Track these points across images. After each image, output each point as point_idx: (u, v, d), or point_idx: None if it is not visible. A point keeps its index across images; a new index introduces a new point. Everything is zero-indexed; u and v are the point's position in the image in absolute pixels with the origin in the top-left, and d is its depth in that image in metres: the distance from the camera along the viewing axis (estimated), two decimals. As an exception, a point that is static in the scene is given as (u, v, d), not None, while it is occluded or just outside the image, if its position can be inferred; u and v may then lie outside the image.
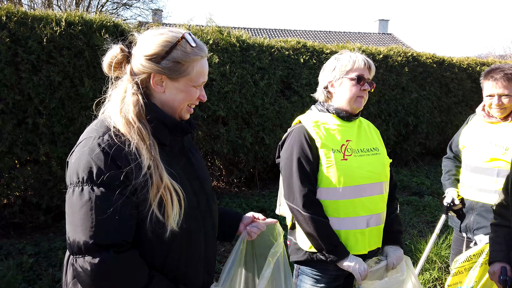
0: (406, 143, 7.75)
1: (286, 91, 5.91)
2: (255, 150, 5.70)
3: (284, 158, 1.91)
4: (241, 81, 5.35)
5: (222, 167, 6.26)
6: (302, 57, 5.87)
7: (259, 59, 5.48)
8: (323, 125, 1.88)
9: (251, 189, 6.23)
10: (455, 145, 2.75)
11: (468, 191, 2.55)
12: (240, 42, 5.34)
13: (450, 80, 7.97)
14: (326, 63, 1.99)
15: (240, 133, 5.50)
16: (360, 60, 1.89)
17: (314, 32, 26.03)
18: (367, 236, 1.87)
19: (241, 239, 1.66)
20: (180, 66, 1.27)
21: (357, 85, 1.86)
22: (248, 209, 5.14)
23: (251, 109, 5.50)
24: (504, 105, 2.38)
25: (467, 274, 2.31)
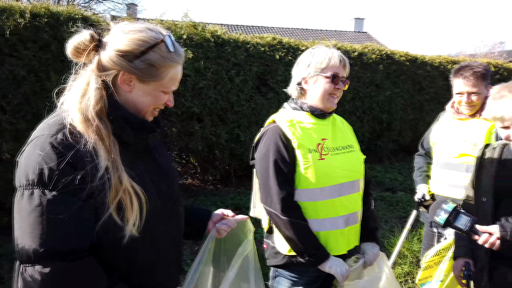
0: (380, 140, 7.87)
1: (262, 88, 5.88)
2: (231, 147, 5.65)
3: (259, 160, 1.84)
4: (216, 77, 5.28)
5: (197, 165, 6.17)
6: (278, 54, 5.85)
7: (235, 55, 5.42)
8: (298, 124, 1.82)
9: (226, 187, 6.18)
10: (426, 142, 2.78)
11: (438, 186, 2.59)
12: (215, 38, 5.26)
13: (422, 78, 8.13)
14: (300, 57, 1.91)
15: (215, 130, 5.43)
16: (336, 57, 1.83)
17: (290, 29, 26.11)
18: (347, 235, 1.85)
19: (210, 237, 1.61)
20: (154, 70, 1.19)
21: (332, 84, 1.81)
22: (224, 207, 5.01)
23: (226, 105, 5.44)
24: (473, 102, 2.42)
25: (437, 268, 2.35)
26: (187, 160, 6.20)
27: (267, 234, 1.96)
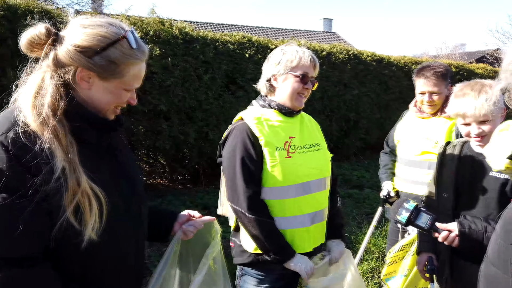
0: (348, 138, 8.03)
1: (231, 86, 5.84)
2: (200, 146, 5.58)
3: (226, 158, 1.81)
4: (184, 74, 5.19)
5: (165, 164, 6.06)
6: (248, 52, 5.83)
7: (203, 52, 5.35)
8: (266, 122, 1.80)
9: (196, 186, 6.10)
10: (391, 140, 2.85)
11: (402, 183, 2.65)
12: (183, 34, 5.17)
13: (388, 78, 8.37)
14: (271, 53, 1.90)
15: (183, 128, 5.35)
16: (307, 57, 1.82)
17: (260, 28, 26.17)
18: (312, 233, 1.85)
19: (176, 239, 1.56)
20: (115, 67, 1.13)
21: (301, 83, 1.81)
22: (193, 207, 5.02)
23: (195, 103, 5.36)
24: (435, 101, 2.49)
25: (401, 263, 2.41)
26: (155, 159, 6.07)
27: (233, 233, 1.94)
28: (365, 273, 3.66)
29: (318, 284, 1.83)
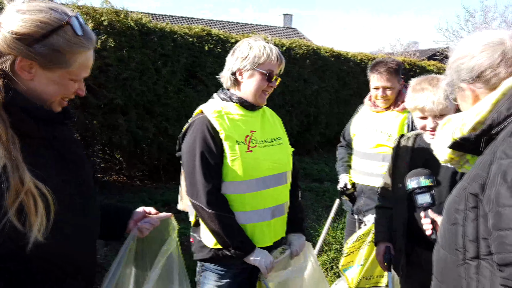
0: (308, 133, 8.16)
1: (191, 80, 5.74)
2: (159, 141, 5.44)
3: (185, 152, 1.77)
4: (142, 67, 5.04)
5: (123, 160, 5.86)
6: (207, 45, 5.74)
7: (161, 45, 5.21)
8: (226, 115, 1.78)
9: (155, 183, 5.96)
10: (347, 134, 2.92)
11: (358, 176, 2.73)
12: (139, 26, 5.00)
13: (346, 74, 8.58)
14: (237, 45, 1.85)
15: (141, 123, 5.19)
16: (274, 54, 1.80)
17: (220, 22, 25.94)
18: (273, 227, 1.85)
19: (131, 237, 1.51)
20: (59, 56, 1.05)
21: (266, 81, 1.80)
22: (152, 204, 4.90)
23: (153, 97, 5.22)
24: (388, 96, 2.58)
25: (358, 253, 2.48)
26: (112, 156, 5.85)
27: (193, 228, 1.91)
28: (325, 264, 3.75)
29: (277, 277, 1.85)
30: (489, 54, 1.14)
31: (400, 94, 2.61)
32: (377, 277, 2.45)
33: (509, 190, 0.96)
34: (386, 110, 2.63)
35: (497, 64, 1.12)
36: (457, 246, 1.12)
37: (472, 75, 1.17)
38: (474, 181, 1.09)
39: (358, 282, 2.44)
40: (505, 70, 1.12)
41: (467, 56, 1.18)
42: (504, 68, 1.12)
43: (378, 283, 2.46)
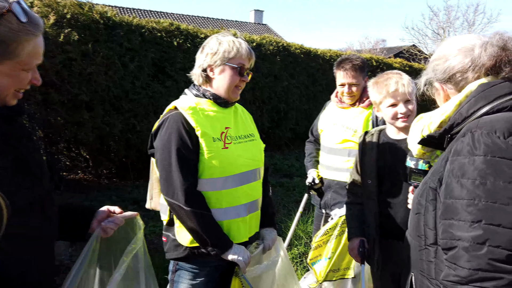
0: (279, 129, 8.23)
1: (160, 75, 5.64)
2: (127, 137, 5.33)
3: (160, 149, 1.72)
4: (108, 62, 4.90)
5: (89, 157, 5.70)
6: (176, 40, 5.66)
7: (128, 39, 5.08)
8: (201, 112, 1.75)
9: (124, 180, 5.83)
10: (315, 130, 2.96)
11: (325, 171, 2.78)
12: (104, 19, 4.86)
13: (315, 71, 8.70)
14: (206, 42, 1.83)
15: (108, 119, 5.06)
16: (244, 48, 1.79)
17: (190, 16, 25.63)
18: (248, 223, 1.85)
19: (94, 237, 1.47)
20: (5, 47, 1.00)
21: (238, 75, 1.78)
22: (120, 202, 4.79)
23: (120, 93, 5.10)
24: (353, 93, 2.63)
25: (326, 246, 2.53)
26: (77, 153, 5.67)
27: (166, 227, 1.87)
28: (295, 258, 3.80)
29: (253, 272, 1.86)
30: (460, 59, 1.21)
31: (365, 90, 2.67)
32: (344, 269, 2.52)
33: (457, 184, 1.06)
34: (352, 106, 2.68)
35: (467, 69, 1.20)
36: (419, 233, 1.25)
37: (444, 76, 1.26)
38: (434, 176, 1.20)
39: (325, 275, 2.49)
40: (472, 75, 1.20)
41: (442, 58, 1.26)
42: (471, 73, 1.20)
43: (344, 275, 2.52)
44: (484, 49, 1.18)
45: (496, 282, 0.96)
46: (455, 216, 1.05)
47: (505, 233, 0.97)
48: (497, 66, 1.17)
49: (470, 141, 1.08)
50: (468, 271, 1.00)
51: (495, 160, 1.02)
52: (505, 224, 0.98)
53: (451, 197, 1.08)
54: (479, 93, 1.16)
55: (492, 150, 1.03)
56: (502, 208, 0.99)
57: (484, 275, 0.98)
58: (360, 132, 2.57)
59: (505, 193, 0.99)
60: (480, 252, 0.99)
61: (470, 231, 1.01)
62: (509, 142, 1.03)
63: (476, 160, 1.04)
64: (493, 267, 0.97)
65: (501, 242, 0.97)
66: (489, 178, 1.02)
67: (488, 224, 0.99)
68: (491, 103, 1.13)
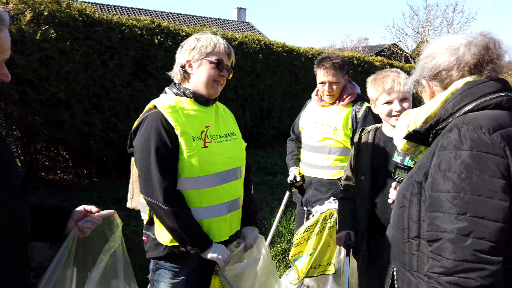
0: (262, 127, 8.24)
1: (141, 73, 5.57)
2: (108, 137, 5.25)
3: (139, 148, 1.71)
4: (87, 60, 4.81)
5: (69, 157, 5.59)
6: (157, 38, 5.60)
7: (108, 37, 5.00)
8: (181, 111, 1.74)
9: (105, 180, 5.75)
10: (296, 128, 2.98)
11: (307, 168, 2.80)
12: (83, 17, 4.77)
13: (298, 69, 8.74)
14: (185, 41, 1.85)
15: (88, 118, 4.97)
16: (221, 44, 1.80)
17: (172, 14, 25.39)
18: (229, 221, 1.85)
19: (70, 237, 1.45)
20: None
21: (216, 69, 1.78)
22: (102, 202, 4.73)
23: (100, 91, 5.02)
24: (334, 91, 2.66)
25: (307, 243, 2.55)
26: (56, 153, 5.56)
27: (146, 226, 1.86)
28: (277, 255, 3.82)
29: (234, 270, 1.87)
30: (447, 57, 1.26)
31: (345, 89, 2.70)
32: (325, 265, 2.55)
33: (443, 178, 1.10)
34: (332, 105, 2.71)
35: (452, 67, 1.25)
36: (403, 226, 1.29)
37: (431, 74, 1.31)
38: (420, 170, 1.24)
39: (307, 271, 2.52)
40: (457, 73, 1.25)
41: (430, 56, 1.31)
42: (456, 71, 1.25)
43: (326, 271, 2.55)
44: (468, 48, 1.22)
45: (479, 272, 1.00)
46: (440, 209, 1.08)
47: (489, 225, 1.01)
48: (480, 65, 1.22)
49: (456, 136, 1.11)
50: (453, 262, 1.03)
51: (481, 155, 1.06)
52: (489, 216, 1.02)
53: (437, 190, 1.11)
54: (465, 90, 1.20)
55: (478, 145, 1.07)
56: (487, 201, 1.03)
57: (468, 266, 1.01)
58: (340, 130, 2.60)
59: (490, 186, 1.03)
60: (465, 243, 1.02)
61: (456, 223, 1.04)
62: (494, 138, 1.07)
63: (462, 155, 1.08)
64: (477, 258, 1.00)
65: (485, 234, 1.01)
66: (475, 172, 1.05)
67: (473, 216, 1.03)
68: (476, 100, 1.17)
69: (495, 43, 1.23)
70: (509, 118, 1.14)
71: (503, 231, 1.01)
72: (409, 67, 12.80)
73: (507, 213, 1.02)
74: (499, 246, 1.00)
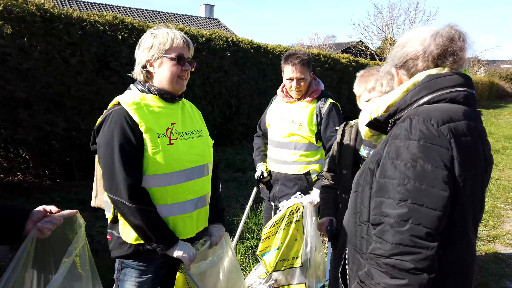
0: (231, 124, 8.23)
1: (105, 71, 5.42)
2: (71, 136, 5.08)
3: (103, 145, 1.68)
4: (47, 57, 4.63)
5: (29, 158, 5.37)
6: (121, 34, 5.46)
7: (68, 32, 4.83)
8: (146, 107, 1.72)
9: (69, 181, 5.56)
10: (263, 124, 3.00)
11: (273, 164, 2.84)
12: (41, 12, 4.57)
13: (266, 66, 8.79)
14: (141, 39, 1.81)
15: (49, 117, 4.79)
16: (179, 38, 1.77)
17: (138, 9, 24.82)
18: (195, 218, 1.85)
19: (29, 239, 1.40)
20: None
21: (178, 65, 1.76)
22: (65, 203, 4.58)
23: (62, 89, 4.84)
24: (301, 87, 2.70)
25: (274, 238, 2.59)
26: (16, 154, 5.33)
27: (111, 224, 1.83)
28: (247, 250, 3.85)
29: (198, 268, 1.87)
30: (414, 47, 1.30)
31: (310, 85, 2.75)
32: (292, 258, 2.60)
33: (391, 165, 1.15)
34: (298, 101, 2.75)
35: (418, 56, 1.30)
36: (355, 210, 1.35)
37: (399, 62, 1.35)
38: (373, 157, 1.29)
39: (275, 265, 2.56)
40: (422, 63, 1.29)
41: (400, 45, 1.36)
42: (421, 61, 1.29)
43: (293, 265, 2.60)
44: (434, 39, 1.27)
45: (414, 256, 1.06)
46: (385, 194, 1.14)
47: (427, 213, 1.07)
48: (443, 55, 1.26)
49: (407, 126, 1.16)
50: (391, 245, 1.09)
51: (427, 146, 1.11)
52: (428, 204, 1.07)
53: (385, 176, 1.16)
54: (424, 83, 1.25)
55: (426, 136, 1.12)
56: (428, 190, 1.08)
57: (405, 250, 1.07)
58: (305, 126, 2.65)
59: (432, 176, 1.09)
60: (403, 228, 1.08)
61: (397, 209, 1.10)
62: (441, 131, 1.12)
63: (410, 145, 1.13)
64: (413, 242, 1.06)
65: (422, 220, 1.07)
66: (420, 161, 1.10)
67: (413, 203, 1.08)
68: (432, 93, 1.22)
69: (460, 35, 1.26)
70: (461, 113, 1.18)
71: (440, 219, 1.07)
72: (374, 64, 13.17)
73: (446, 202, 1.08)
74: (435, 232, 1.07)
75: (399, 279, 1.08)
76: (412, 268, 1.06)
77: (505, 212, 5.50)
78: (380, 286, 1.11)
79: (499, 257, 4.05)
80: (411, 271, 1.06)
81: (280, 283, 2.69)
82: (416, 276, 1.06)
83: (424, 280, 1.06)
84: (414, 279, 1.06)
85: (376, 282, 1.12)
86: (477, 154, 1.18)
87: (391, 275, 1.09)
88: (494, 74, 37.49)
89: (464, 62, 1.29)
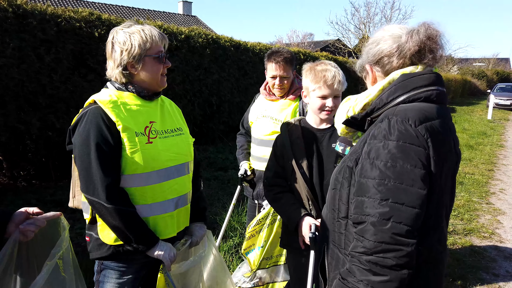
0: (212, 122, 8.19)
1: (81, 68, 5.29)
2: (46, 136, 4.93)
3: (79, 145, 1.63)
4: (20, 54, 4.48)
5: (2, 159, 5.18)
6: (97, 31, 5.33)
7: (43, 29, 4.68)
8: (123, 106, 1.68)
9: (44, 182, 5.41)
10: (246, 122, 3.00)
11: (257, 162, 2.84)
12: (13, 7, 4.41)
13: (246, 63, 8.77)
14: (114, 38, 1.72)
15: (23, 117, 4.64)
16: (156, 35, 1.73)
17: (114, 6, 24.32)
18: (176, 218, 1.83)
19: (11, 242, 1.36)
20: None
21: (160, 64, 1.74)
22: (41, 205, 4.43)
23: (37, 88, 4.69)
24: (284, 85, 2.70)
25: (258, 236, 2.59)
26: (-12, 155, 5.14)
27: (89, 226, 1.79)
28: (230, 249, 3.84)
29: (179, 268, 1.85)
30: (389, 44, 1.31)
31: (292, 83, 2.76)
32: (276, 256, 2.61)
33: (371, 165, 1.17)
34: (281, 99, 2.76)
35: (393, 53, 1.31)
36: (334, 207, 1.37)
37: (374, 59, 1.36)
38: (352, 155, 1.30)
39: (259, 263, 2.56)
40: (397, 60, 1.31)
41: (375, 42, 1.36)
42: (397, 58, 1.31)
43: (277, 262, 2.61)
44: (410, 36, 1.28)
45: (396, 253, 1.09)
46: (366, 194, 1.16)
47: (407, 211, 1.10)
48: (421, 53, 1.28)
49: (386, 126, 1.18)
50: (373, 243, 1.11)
51: (406, 146, 1.14)
52: (408, 203, 1.11)
53: (365, 176, 1.18)
54: (399, 82, 1.27)
55: (404, 137, 1.15)
56: (407, 189, 1.11)
57: (386, 247, 1.10)
58: (288, 123, 2.66)
59: (411, 175, 1.11)
60: (385, 227, 1.11)
61: (378, 208, 1.12)
62: (419, 131, 1.15)
63: (389, 145, 1.15)
64: (395, 240, 1.09)
65: (403, 219, 1.10)
66: (399, 161, 1.13)
67: (394, 202, 1.11)
68: (408, 93, 1.25)
69: (437, 33, 1.28)
70: (435, 112, 1.22)
71: (419, 216, 1.11)
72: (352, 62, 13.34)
73: (424, 200, 1.11)
74: (414, 229, 1.10)
75: (381, 275, 1.11)
76: (394, 265, 1.09)
77: (480, 206, 5.70)
78: (363, 283, 1.13)
79: (475, 249, 4.20)
80: (393, 267, 1.09)
81: (264, 281, 2.69)
82: (397, 272, 1.09)
83: (404, 275, 1.10)
84: (395, 275, 1.10)
85: (358, 279, 1.15)
86: (449, 150, 1.23)
87: (374, 272, 1.12)
88: (467, 72, 38.68)
89: (441, 59, 1.31)
